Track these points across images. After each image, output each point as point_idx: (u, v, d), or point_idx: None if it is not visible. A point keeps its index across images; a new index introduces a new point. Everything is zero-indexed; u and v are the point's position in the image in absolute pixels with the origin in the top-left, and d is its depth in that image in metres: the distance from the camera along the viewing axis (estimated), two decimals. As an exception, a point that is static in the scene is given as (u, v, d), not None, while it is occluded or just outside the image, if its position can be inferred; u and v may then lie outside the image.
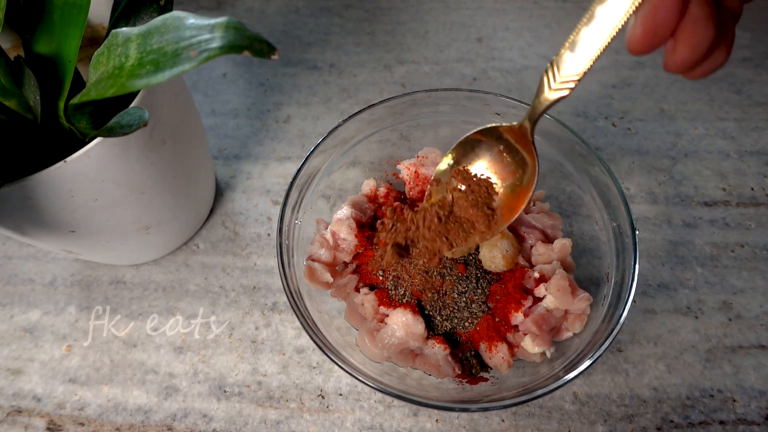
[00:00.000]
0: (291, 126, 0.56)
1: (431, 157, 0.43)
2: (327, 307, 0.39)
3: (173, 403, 0.40)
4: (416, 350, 0.37)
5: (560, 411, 0.39)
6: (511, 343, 0.37)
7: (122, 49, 0.27)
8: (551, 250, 0.38)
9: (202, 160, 0.44)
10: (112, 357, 0.43)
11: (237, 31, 0.23)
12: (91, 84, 0.29)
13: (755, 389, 0.39)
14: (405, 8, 0.67)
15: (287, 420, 0.39)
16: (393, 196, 0.43)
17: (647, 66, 0.59)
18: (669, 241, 0.46)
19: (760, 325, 0.42)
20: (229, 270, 0.47)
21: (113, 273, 0.47)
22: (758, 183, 0.49)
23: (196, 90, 0.59)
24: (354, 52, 0.62)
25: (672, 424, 0.38)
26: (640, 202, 0.49)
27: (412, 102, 0.43)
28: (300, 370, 0.41)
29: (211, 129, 0.56)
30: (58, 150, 0.31)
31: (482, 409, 0.31)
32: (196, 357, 0.42)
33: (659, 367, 0.40)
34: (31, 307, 0.46)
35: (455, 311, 0.37)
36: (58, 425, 0.40)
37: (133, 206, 0.37)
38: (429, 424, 0.39)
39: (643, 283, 0.44)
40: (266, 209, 0.50)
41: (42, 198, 0.31)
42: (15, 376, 0.42)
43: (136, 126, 0.28)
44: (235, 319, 0.44)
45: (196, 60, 0.23)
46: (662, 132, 0.53)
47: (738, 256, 0.45)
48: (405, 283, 0.37)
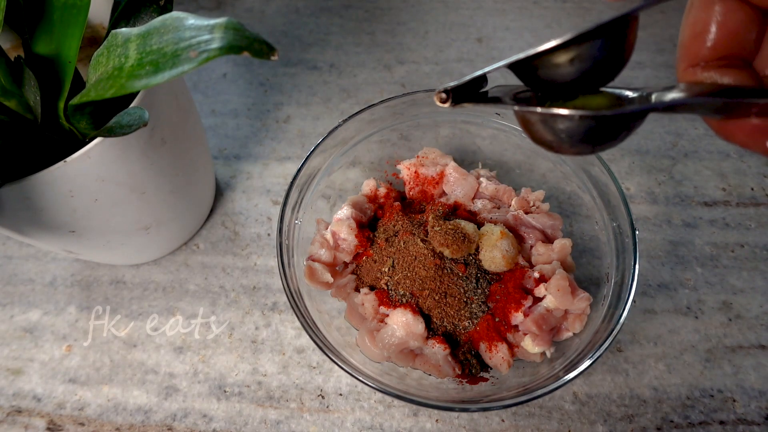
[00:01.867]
0: (291, 126, 0.56)
1: (431, 157, 0.43)
2: (327, 307, 0.39)
3: (173, 403, 0.40)
4: (416, 350, 0.37)
5: (560, 411, 0.39)
6: (511, 343, 0.37)
7: (122, 49, 0.27)
8: (551, 250, 0.38)
9: (202, 160, 0.44)
10: (112, 357, 0.43)
11: (236, 31, 0.23)
12: (91, 84, 0.29)
13: (755, 389, 0.39)
14: (405, 8, 0.67)
15: (287, 420, 0.39)
16: (393, 196, 0.43)
17: (647, 66, 0.59)
18: (669, 241, 0.46)
19: (760, 325, 0.42)
20: (229, 270, 0.47)
21: (113, 273, 0.47)
22: (758, 183, 0.49)
23: (196, 90, 0.59)
24: (354, 52, 0.62)
25: (672, 424, 0.38)
26: (640, 202, 0.49)
27: (412, 102, 0.43)
28: (300, 370, 0.41)
29: (211, 129, 0.56)
30: (58, 150, 0.31)
31: (482, 409, 0.31)
32: (196, 357, 0.42)
33: (659, 367, 0.40)
34: (31, 307, 0.46)
35: (455, 311, 0.37)
36: (58, 425, 0.40)
37: (133, 206, 0.37)
38: (429, 424, 0.39)
39: (643, 283, 0.44)
40: (266, 209, 0.50)
41: (42, 198, 0.31)
42: (15, 376, 0.42)
43: (136, 126, 0.28)
44: (235, 319, 0.44)
45: (195, 60, 0.23)
46: (662, 132, 0.53)
47: (738, 256, 0.45)
48: (405, 283, 0.37)
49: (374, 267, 0.39)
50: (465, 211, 0.41)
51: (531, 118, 0.21)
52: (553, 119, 0.20)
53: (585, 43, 0.20)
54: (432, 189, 0.42)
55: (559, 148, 0.21)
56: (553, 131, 0.21)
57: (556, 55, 0.20)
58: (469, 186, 0.41)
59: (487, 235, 0.37)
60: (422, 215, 0.40)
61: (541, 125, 0.21)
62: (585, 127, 0.20)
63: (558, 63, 0.20)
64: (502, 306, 0.36)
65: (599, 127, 0.20)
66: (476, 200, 0.42)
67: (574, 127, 0.20)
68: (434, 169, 0.42)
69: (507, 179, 0.45)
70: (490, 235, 0.37)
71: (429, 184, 0.42)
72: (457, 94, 0.21)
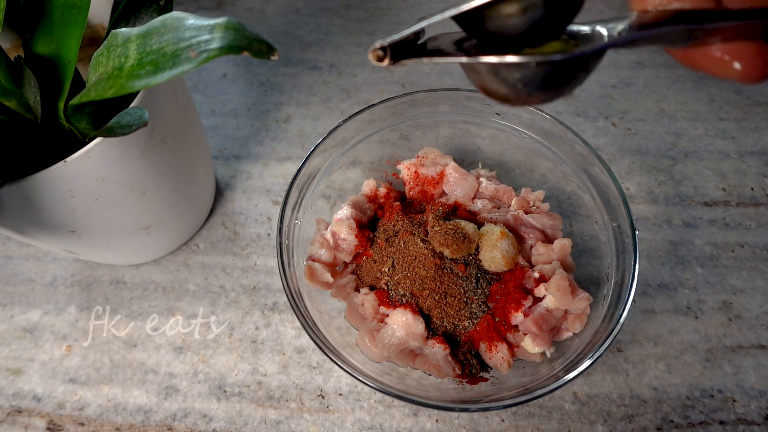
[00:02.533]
0: (291, 126, 0.56)
1: (431, 157, 0.43)
2: (327, 307, 0.39)
3: (173, 403, 0.40)
4: (416, 350, 0.37)
5: (560, 411, 0.39)
6: (511, 343, 0.37)
7: (122, 49, 0.27)
8: (551, 250, 0.38)
9: (202, 160, 0.44)
10: (112, 357, 0.43)
11: (236, 31, 0.23)
12: (91, 84, 0.29)
13: (755, 389, 0.39)
14: (405, 8, 0.66)
15: (287, 420, 0.39)
16: (393, 196, 0.43)
17: (647, 66, 0.59)
18: (669, 241, 0.46)
19: (760, 325, 0.42)
20: (229, 270, 0.47)
21: (113, 273, 0.47)
22: (758, 183, 0.49)
23: (196, 90, 0.59)
24: (354, 52, 0.62)
25: (672, 424, 0.38)
26: (640, 202, 0.49)
27: (412, 102, 0.43)
28: (300, 370, 0.41)
29: (211, 129, 0.56)
30: (58, 150, 0.31)
31: (482, 409, 0.31)
32: (196, 357, 0.42)
33: (659, 367, 0.40)
34: (31, 307, 0.46)
35: (455, 311, 0.37)
36: (58, 425, 0.40)
37: (133, 206, 0.37)
38: (429, 424, 0.39)
39: (643, 283, 0.44)
40: (266, 209, 0.50)
41: (42, 198, 0.31)
42: (15, 376, 0.42)
43: (136, 126, 0.28)
44: (235, 319, 0.44)
45: (195, 60, 0.23)
46: (662, 132, 0.53)
47: (738, 256, 0.45)
48: (405, 283, 0.37)
49: (374, 267, 0.39)
50: (465, 211, 0.41)
51: (481, 70, 0.19)
52: (506, 69, 0.19)
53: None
54: (432, 189, 0.42)
55: (516, 100, 0.20)
56: (506, 82, 0.19)
57: (507, 5, 0.18)
58: (469, 186, 0.41)
59: (487, 235, 0.37)
60: (422, 215, 0.40)
61: (494, 77, 0.19)
62: (541, 73, 0.18)
63: (509, 13, 0.18)
64: (502, 306, 0.36)
65: (556, 72, 0.18)
66: (476, 200, 0.42)
67: (530, 75, 0.18)
68: (434, 169, 0.42)
69: (507, 179, 0.45)
70: (490, 235, 0.37)
71: (429, 184, 0.42)
72: (395, 50, 0.19)
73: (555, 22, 0.19)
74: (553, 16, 0.19)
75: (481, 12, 0.18)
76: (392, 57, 0.19)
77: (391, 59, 0.19)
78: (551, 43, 0.20)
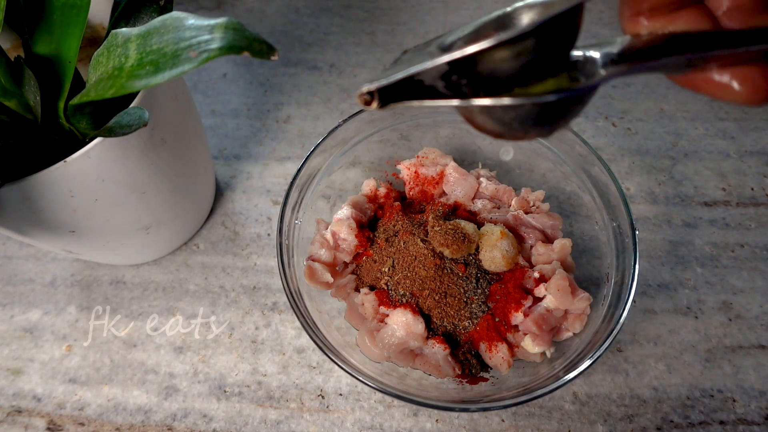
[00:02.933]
0: (291, 126, 0.56)
1: (431, 157, 0.43)
2: (327, 307, 0.39)
3: (173, 403, 0.40)
4: (416, 350, 0.37)
5: (560, 411, 0.39)
6: (511, 343, 0.37)
7: (122, 49, 0.27)
8: (551, 250, 0.38)
9: (202, 160, 0.44)
10: (112, 357, 0.43)
11: (236, 31, 0.23)
12: (91, 84, 0.29)
13: (755, 389, 0.39)
14: (405, 8, 0.66)
15: (287, 420, 0.39)
16: (393, 196, 0.43)
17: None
18: (669, 241, 0.46)
19: (760, 325, 0.42)
20: (229, 270, 0.47)
21: (113, 273, 0.47)
22: (758, 183, 0.49)
23: (196, 90, 0.59)
24: (354, 52, 0.62)
25: (672, 424, 0.38)
26: (640, 202, 0.49)
27: (412, 102, 0.43)
28: (300, 370, 0.41)
29: (211, 129, 0.56)
30: (58, 150, 0.31)
31: (482, 409, 0.31)
32: (196, 357, 0.42)
33: (659, 367, 0.40)
34: (31, 307, 0.46)
35: (455, 311, 0.37)
36: (58, 425, 0.40)
37: (133, 206, 0.37)
38: (429, 424, 0.39)
39: (643, 283, 0.44)
40: (266, 209, 0.50)
41: (42, 198, 0.31)
42: (15, 376, 0.42)
43: (136, 126, 0.28)
44: (235, 319, 0.44)
45: (195, 61, 0.23)
46: (662, 132, 0.53)
47: (738, 256, 0.45)
48: (405, 283, 0.37)
49: (374, 267, 0.39)
50: (465, 211, 0.41)
51: (474, 110, 0.19)
52: (501, 109, 0.18)
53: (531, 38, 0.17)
54: (432, 189, 0.42)
55: (511, 137, 0.19)
56: (501, 122, 0.19)
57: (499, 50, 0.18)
58: (469, 186, 0.41)
59: (487, 235, 0.37)
60: (422, 215, 0.40)
61: (488, 117, 0.19)
62: (537, 111, 0.18)
63: (502, 58, 0.18)
64: (502, 306, 0.36)
65: (551, 109, 0.18)
66: (476, 200, 0.42)
67: (525, 114, 0.18)
68: (434, 169, 0.42)
69: (507, 179, 0.45)
70: (490, 235, 0.37)
71: (429, 184, 0.42)
72: (384, 93, 0.18)
73: (547, 62, 0.19)
74: (545, 57, 0.18)
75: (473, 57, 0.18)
76: (380, 100, 0.18)
77: (379, 102, 0.18)
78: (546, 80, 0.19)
